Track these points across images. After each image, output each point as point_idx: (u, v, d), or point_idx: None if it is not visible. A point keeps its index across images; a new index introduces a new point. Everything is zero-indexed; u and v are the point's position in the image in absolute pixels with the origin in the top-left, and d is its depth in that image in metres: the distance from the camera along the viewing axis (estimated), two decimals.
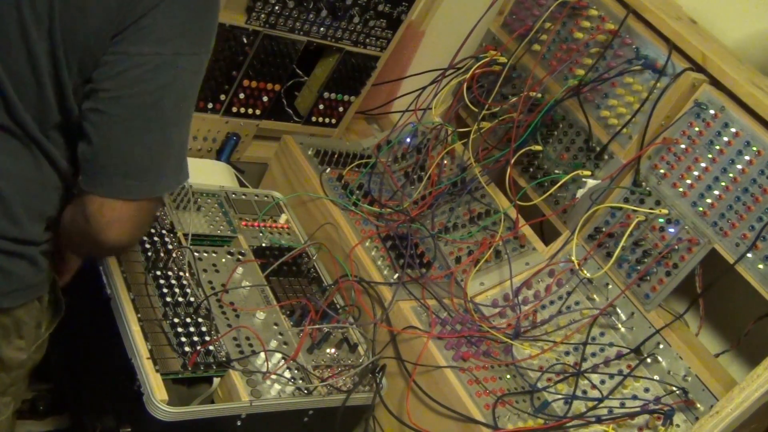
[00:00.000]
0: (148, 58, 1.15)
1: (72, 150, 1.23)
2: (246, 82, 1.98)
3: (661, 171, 1.77)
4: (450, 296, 1.79)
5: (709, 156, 1.70)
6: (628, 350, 1.71)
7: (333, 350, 1.62)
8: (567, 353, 1.75)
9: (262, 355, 1.51)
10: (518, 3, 2.07)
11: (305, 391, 1.51)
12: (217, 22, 1.25)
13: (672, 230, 1.74)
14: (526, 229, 1.94)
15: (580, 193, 1.87)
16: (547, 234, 2.01)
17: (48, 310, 1.37)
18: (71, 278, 1.45)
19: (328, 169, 2.02)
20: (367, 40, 2.08)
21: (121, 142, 1.18)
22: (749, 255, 1.62)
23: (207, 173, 1.99)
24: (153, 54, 1.15)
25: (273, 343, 1.56)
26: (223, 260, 1.69)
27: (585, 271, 1.82)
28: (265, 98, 2.05)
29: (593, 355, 1.73)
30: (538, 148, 1.96)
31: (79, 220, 1.23)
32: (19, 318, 1.28)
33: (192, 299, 1.54)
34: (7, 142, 1.19)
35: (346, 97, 2.19)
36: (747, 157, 1.64)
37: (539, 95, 1.95)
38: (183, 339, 1.46)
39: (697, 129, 1.72)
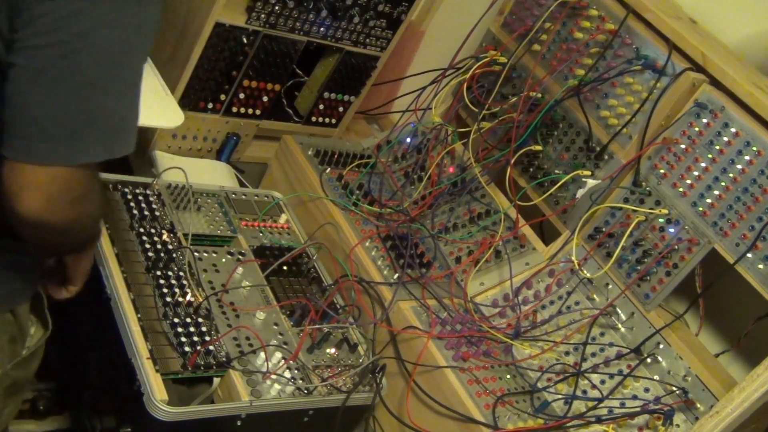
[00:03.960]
0: (62, 3, 1.02)
1: None
2: (246, 82, 1.98)
3: (661, 171, 1.77)
4: (450, 296, 1.79)
5: (709, 156, 1.70)
6: (628, 350, 1.71)
7: (333, 350, 1.62)
8: (567, 353, 1.75)
9: (262, 355, 1.51)
10: (518, 3, 2.07)
11: (305, 391, 1.51)
12: None
13: (672, 230, 1.74)
14: (526, 229, 1.94)
15: (580, 193, 1.87)
16: (547, 234, 2.01)
17: (33, 327, 1.31)
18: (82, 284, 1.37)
19: (328, 169, 2.02)
20: (367, 40, 2.08)
21: (30, 98, 1.06)
22: (749, 255, 1.62)
23: (207, 173, 1.99)
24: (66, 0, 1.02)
25: (273, 343, 1.56)
26: (223, 260, 1.69)
27: (585, 271, 1.82)
28: (265, 98, 2.05)
29: (593, 355, 1.73)
30: (538, 148, 1.96)
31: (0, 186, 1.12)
32: None
33: (192, 299, 1.54)
34: None
35: (346, 97, 2.19)
36: (747, 157, 1.64)
37: (539, 95, 1.96)
38: (183, 339, 1.46)
39: (697, 129, 1.72)
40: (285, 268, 1.75)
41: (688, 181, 1.73)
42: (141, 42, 1.11)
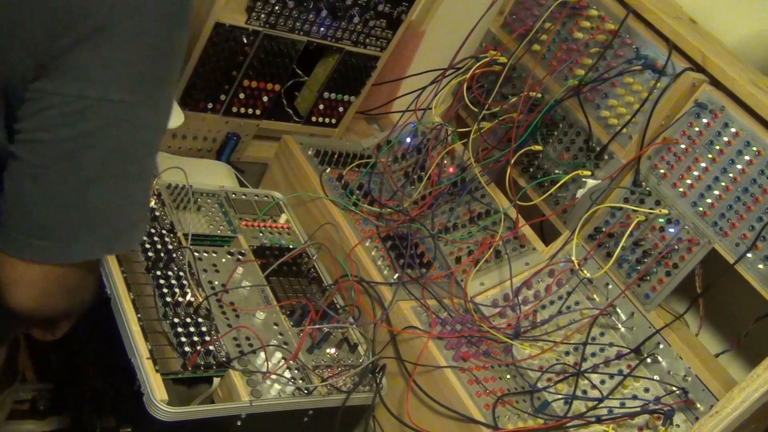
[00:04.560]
0: (68, 99, 0.96)
1: None
2: (246, 82, 1.98)
3: (661, 171, 1.77)
4: (450, 296, 1.79)
5: (709, 156, 1.70)
6: (628, 350, 1.71)
7: (333, 350, 1.62)
8: (567, 353, 1.75)
9: (262, 355, 1.51)
10: (518, 3, 2.07)
11: (305, 391, 1.51)
12: (172, 70, 1.05)
13: (672, 230, 1.74)
14: (526, 229, 1.94)
15: (580, 193, 1.87)
16: (547, 234, 2.01)
17: (0, 373, 1.26)
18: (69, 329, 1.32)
19: (328, 169, 2.02)
20: (367, 40, 2.08)
21: (29, 194, 1.00)
22: (749, 255, 1.62)
23: (207, 173, 1.99)
24: (75, 96, 0.96)
25: (273, 343, 1.56)
26: (223, 260, 1.69)
27: (585, 271, 1.82)
28: (265, 98, 2.05)
29: (593, 355, 1.73)
30: (538, 148, 1.96)
31: None
32: None
33: (192, 299, 1.54)
34: None
35: (346, 97, 2.19)
36: (747, 157, 1.64)
37: (539, 95, 1.96)
38: (183, 339, 1.46)
39: (697, 129, 1.72)
40: (285, 268, 1.75)
41: (688, 181, 1.73)
42: (154, 137, 1.06)
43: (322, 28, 1.98)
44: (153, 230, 1.64)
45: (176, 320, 1.49)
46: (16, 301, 1.04)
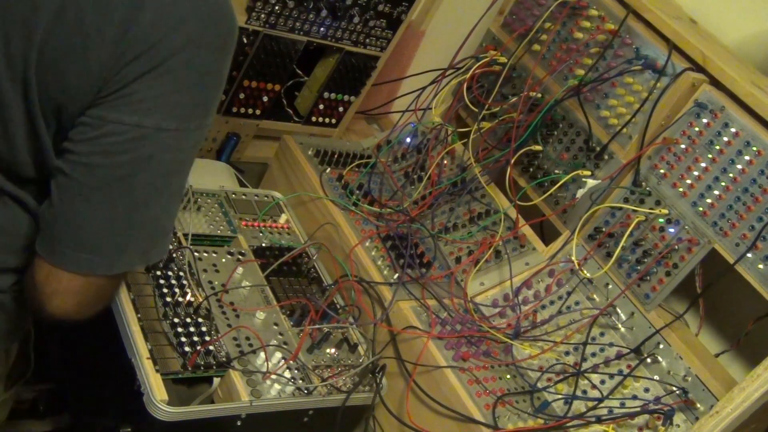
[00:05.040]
0: (126, 128, 1.04)
1: None
2: (246, 82, 1.98)
3: (661, 171, 1.77)
4: (450, 296, 1.79)
5: (709, 156, 1.70)
6: (628, 350, 1.71)
7: (333, 350, 1.62)
8: (567, 353, 1.75)
9: (262, 355, 1.51)
10: (518, 3, 2.07)
11: (305, 391, 1.51)
12: (218, 94, 1.14)
13: (672, 230, 1.74)
14: (526, 229, 1.94)
15: (580, 193, 1.87)
16: (547, 234, 2.01)
17: (14, 366, 1.29)
18: None
19: (328, 169, 2.02)
20: (367, 40, 2.08)
21: (81, 212, 1.08)
22: (749, 255, 1.62)
23: (207, 173, 1.99)
24: (132, 125, 1.04)
25: (273, 343, 1.56)
26: (223, 260, 1.69)
27: (585, 271, 1.82)
28: (265, 98, 2.05)
29: (593, 355, 1.73)
30: (538, 148, 1.96)
31: (29, 283, 1.14)
32: None
33: (192, 299, 1.54)
34: None
35: (346, 97, 2.19)
36: (747, 157, 1.64)
37: (539, 95, 1.96)
38: (183, 339, 1.46)
39: (697, 129, 1.72)
40: (285, 268, 1.75)
41: (688, 181, 1.73)
42: (188, 158, 1.13)
43: (322, 28, 1.98)
44: None
45: (176, 320, 1.49)
46: (58, 309, 1.12)
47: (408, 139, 2.12)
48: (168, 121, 1.06)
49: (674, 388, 1.64)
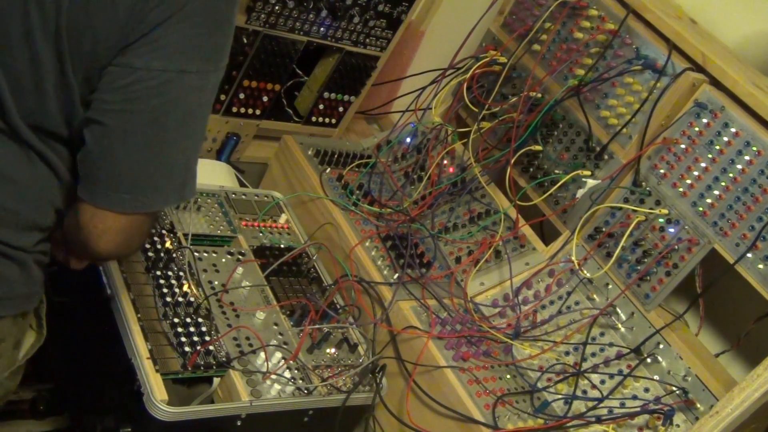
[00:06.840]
0: (154, 74, 1.12)
1: (75, 160, 1.20)
2: (246, 82, 1.98)
3: (661, 171, 1.77)
4: (450, 296, 1.79)
5: (709, 156, 1.70)
6: (628, 350, 1.71)
7: (333, 350, 1.62)
8: (567, 353, 1.75)
9: (262, 355, 1.51)
10: (518, 3, 2.07)
11: (305, 391, 1.51)
12: (230, 39, 1.21)
13: (672, 230, 1.74)
14: (526, 229, 1.94)
15: (580, 193, 1.87)
16: (547, 234, 2.01)
17: (30, 332, 1.31)
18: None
19: (328, 169, 2.02)
20: (367, 40, 2.08)
21: (119, 156, 1.16)
22: (749, 255, 1.62)
23: (207, 173, 1.99)
24: (160, 70, 1.12)
25: (273, 343, 1.56)
26: (223, 260, 1.69)
27: (585, 271, 1.82)
28: (265, 98, 2.05)
29: (593, 355, 1.73)
30: (538, 148, 1.96)
31: (74, 226, 1.22)
32: None
33: (192, 299, 1.54)
34: (2, 145, 1.15)
35: (346, 97, 2.19)
36: (747, 157, 1.64)
37: (539, 95, 1.95)
38: (183, 339, 1.46)
39: (697, 129, 1.72)
40: (285, 268, 1.75)
41: (688, 181, 1.73)
42: (209, 98, 1.21)
43: (322, 28, 1.98)
44: (153, 230, 1.64)
45: (176, 320, 1.49)
46: (103, 248, 1.22)
47: (408, 139, 2.12)
48: (190, 64, 1.13)
49: (674, 388, 1.64)
